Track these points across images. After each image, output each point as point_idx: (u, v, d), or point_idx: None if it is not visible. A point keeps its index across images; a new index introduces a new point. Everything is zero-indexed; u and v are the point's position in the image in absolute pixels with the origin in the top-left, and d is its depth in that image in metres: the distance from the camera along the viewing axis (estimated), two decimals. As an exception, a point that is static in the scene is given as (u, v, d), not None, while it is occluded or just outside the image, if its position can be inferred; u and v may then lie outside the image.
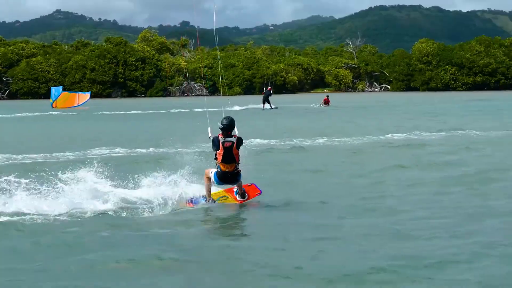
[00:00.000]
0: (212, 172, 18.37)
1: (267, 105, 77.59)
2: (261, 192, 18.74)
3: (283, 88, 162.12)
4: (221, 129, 18.03)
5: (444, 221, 15.39)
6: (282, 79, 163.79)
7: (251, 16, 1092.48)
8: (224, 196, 18.85)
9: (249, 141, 32.42)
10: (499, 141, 34.01)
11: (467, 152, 29.04)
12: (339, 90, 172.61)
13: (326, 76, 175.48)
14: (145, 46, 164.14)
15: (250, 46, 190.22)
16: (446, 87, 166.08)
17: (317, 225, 15.19)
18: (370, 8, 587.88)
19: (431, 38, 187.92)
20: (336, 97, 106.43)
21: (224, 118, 18.04)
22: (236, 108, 72.58)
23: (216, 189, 18.90)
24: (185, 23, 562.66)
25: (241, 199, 18.64)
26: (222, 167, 18.09)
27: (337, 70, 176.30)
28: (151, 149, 31.51)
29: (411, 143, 33.73)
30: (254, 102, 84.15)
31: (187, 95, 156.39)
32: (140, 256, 12.62)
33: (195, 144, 30.39)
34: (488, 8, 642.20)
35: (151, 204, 17.49)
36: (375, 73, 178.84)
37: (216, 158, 18.25)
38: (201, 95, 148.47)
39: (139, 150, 31.17)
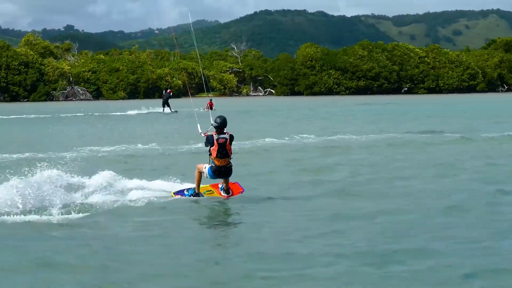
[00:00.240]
0: (205, 167, 19.80)
1: (167, 109, 77.03)
2: (243, 191, 20.19)
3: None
4: (215, 127, 19.69)
5: (313, 224, 15.74)
6: (167, 83, 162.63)
7: (136, 20, 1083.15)
8: (210, 191, 20.33)
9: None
10: (374, 145, 34.23)
11: (343, 156, 29.04)
12: (223, 94, 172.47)
13: (211, 80, 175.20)
14: (28, 50, 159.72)
15: (135, 50, 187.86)
16: (330, 92, 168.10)
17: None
18: (255, 12, 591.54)
19: (315, 43, 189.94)
20: (221, 101, 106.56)
21: (218, 117, 19.77)
22: (131, 112, 72.18)
23: (202, 184, 20.27)
24: (69, 27, 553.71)
25: (226, 195, 20.04)
26: (216, 162, 19.57)
27: (222, 74, 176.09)
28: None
29: (288, 147, 33.68)
30: (146, 106, 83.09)
31: (70, 99, 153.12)
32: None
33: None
34: (372, 13, 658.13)
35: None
36: (260, 78, 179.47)
37: (210, 154, 19.71)
38: (86, 99, 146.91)
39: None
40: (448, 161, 27.27)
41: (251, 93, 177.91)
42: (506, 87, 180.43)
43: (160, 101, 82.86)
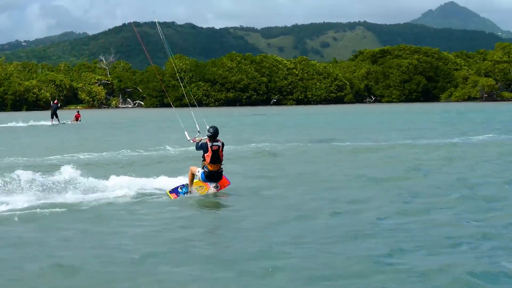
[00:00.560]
0: (199, 171, 21.78)
1: (55, 120, 75.26)
2: (230, 183, 22.30)
3: (35, 105, 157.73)
4: (209, 136, 21.47)
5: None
6: (35, 95, 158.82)
7: (3, 32, 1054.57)
8: (201, 186, 22.05)
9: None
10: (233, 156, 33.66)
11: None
12: (92, 106, 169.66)
13: (79, 92, 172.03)
14: None
15: (1, 62, 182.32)
16: (199, 103, 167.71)
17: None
18: (124, 24, 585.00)
19: (184, 55, 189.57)
20: (88, 114, 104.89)
21: (211, 127, 21.64)
22: (21, 124, 71.44)
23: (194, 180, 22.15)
24: None
25: (215, 189, 21.87)
26: (209, 167, 21.51)
27: (91, 86, 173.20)
28: None
29: (144, 158, 32.96)
30: (23, 119, 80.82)
31: None
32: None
33: None
34: (240, 25, 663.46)
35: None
36: (129, 90, 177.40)
37: (204, 160, 21.62)
38: None
39: None
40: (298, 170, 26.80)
41: (120, 105, 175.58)
42: (373, 98, 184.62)
43: (48, 112, 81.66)
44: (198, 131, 22.48)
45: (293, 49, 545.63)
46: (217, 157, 21.51)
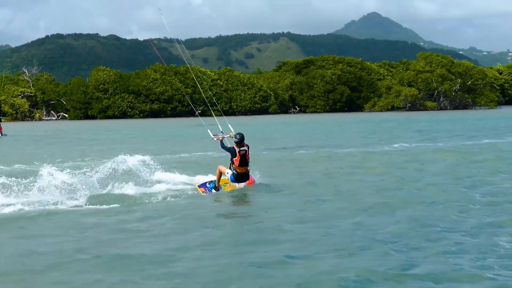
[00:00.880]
0: (228, 172, 24.69)
1: None
2: (255, 182, 25.26)
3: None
4: (236, 142, 24.49)
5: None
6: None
7: None
8: (226, 183, 25.01)
9: None
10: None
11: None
12: (16, 119, 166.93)
13: (2, 105, 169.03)
14: None
15: None
16: (124, 115, 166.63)
17: None
18: (47, 36, 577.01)
19: (108, 66, 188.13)
20: (11, 126, 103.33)
21: (237, 134, 24.77)
22: None
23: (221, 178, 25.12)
24: None
25: (239, 183, 24.83)
26: (238, 170, 24.51)
27: (14, 99, 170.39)
28: None
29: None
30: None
31: None
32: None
33: None
34: (164, 37, 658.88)
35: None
36: (52, 102, 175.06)
37: (232, 163, 24.52)
38: None
39: None
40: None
41: (44, 118, 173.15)
42: (298, 109, 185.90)
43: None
44: (221, 131, 26.04)
45: (218, 60, 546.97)
46: (244, 161, 24.55)
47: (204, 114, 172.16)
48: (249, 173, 24.95)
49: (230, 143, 25.45)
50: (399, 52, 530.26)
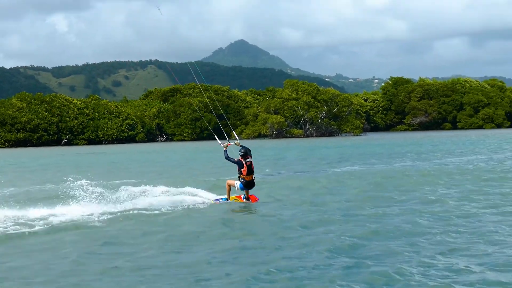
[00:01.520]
0: (237, 183, 29.66)
1: None
2: (258, 200, 30.00)
3: None
4: (241, 155, 29.45)
5: None
6: None
7: None
8: (236, 199, 30.20)
9: None
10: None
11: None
12: None
13: None
14: None
15: None
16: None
17: None
18: None
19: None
20: None
21: (242, 148, 29.71)
22: None
23: (231, 195, 30.53)
24: None
25: (247, 201, 29.64)
26: (246, 178, 29.44)
27: None
28: None
29: None
30: None
31: None
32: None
33: None
34: (31, 65, 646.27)
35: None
36: None
37: (240, 173, 29.47)
38: None
39: None
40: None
41: None
42: (165, 137, 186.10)
43: None
44: (228, 141, 31.31)
45: (85, 88, 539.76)
46: (251, 170, 29.46)
47: (70, 143, 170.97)
48: (254, 181, 29.89)
49: (235, 150, 30.77)
50: (266, 79, 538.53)
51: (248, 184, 29.51)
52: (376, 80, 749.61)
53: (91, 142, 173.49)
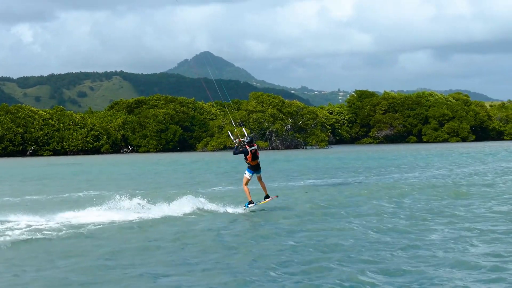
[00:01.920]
0: (245, 172, 33.66)
1: None
2: (277, 196, 34.79)
3: None
4: (248, 142, 33.42)
5: None
6: None
7: None
8: (259, 201, 33.83)
9: None
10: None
11: None
12: None
13: None
14: None
15: None
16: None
17: None
18: None
19: None
20: None
21: (247, 137, 33.83)
22: None
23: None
24: None
25: (266, 199, 33.84)
26: (252, 163, 33.46)
27: None
28: None
29: None
30: None
31: None
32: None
33: None
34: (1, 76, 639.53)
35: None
36: None
37: (246, 159, 33.38)
38: None
39: None
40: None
41: None
42: (130, 148, 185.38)
43: None
44: (238, 138, 34.35)
45: (50, 99, 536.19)
46: (255, 156, 33.44)
47: (35, 154, 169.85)
48: (260, 165, 33.76)
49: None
50: (232, 91, 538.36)
51: (254, 167, 33.48)
52: (342, 93, 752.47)
53: (56, 153, 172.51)
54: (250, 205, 33.06)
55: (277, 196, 34.57)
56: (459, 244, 22.08)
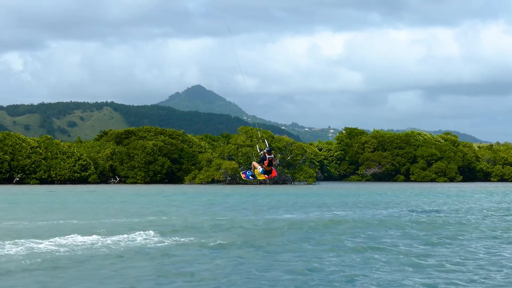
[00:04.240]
0: (259, 168, 40.60)
1: None
2: (276, 174, 41.87)
3: None
4: (267, 151, 40.31)
5: None
6: None
7: None
8: (259, 174, 40.68)
9: None
10: None
11: None
12: None
13: None
14: None
15: None
16: None
17: None
18: None
19: None
20: None
21: (268, 146, 40.72)
22: None
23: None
24: None
25: (267, 176, 41.02)
26: (266, 168, 40.31)
27: None
28: None
29: None
30: None
31: None
32: None
33: None
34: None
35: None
36: None
37: (263, 164, 40.30)
38: None
39: None
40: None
41: None
42: (118, 179, 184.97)
43: None
44: (263, 150, 41.07)
45: (40, 128, 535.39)
46: (270, 162, 40.66)
47: (22, 182, 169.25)
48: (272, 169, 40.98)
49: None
50: (223, 125, 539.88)
51: (266, 172, 40.92)
52: (332, 130, 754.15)
53: (43, 181, 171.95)
54: (250, 177, 42.41)
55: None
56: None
